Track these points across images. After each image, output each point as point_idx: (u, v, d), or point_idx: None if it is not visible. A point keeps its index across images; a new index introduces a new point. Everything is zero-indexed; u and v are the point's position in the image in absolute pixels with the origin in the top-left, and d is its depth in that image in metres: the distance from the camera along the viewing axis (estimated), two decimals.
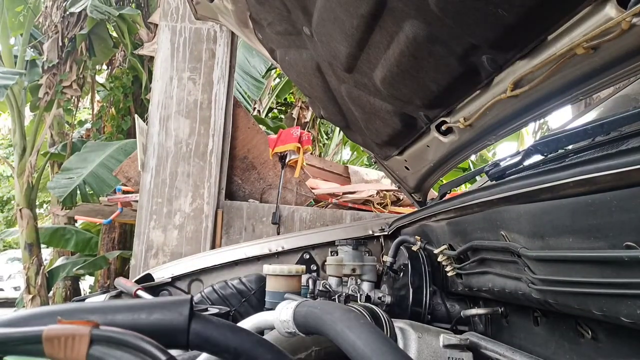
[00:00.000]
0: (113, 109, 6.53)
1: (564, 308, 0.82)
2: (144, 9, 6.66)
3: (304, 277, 1.62)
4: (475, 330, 1.32)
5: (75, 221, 6.66)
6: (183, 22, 3.50)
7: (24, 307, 6.44)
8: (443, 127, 1.40)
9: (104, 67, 7.98)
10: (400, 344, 1.03)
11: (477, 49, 1.01)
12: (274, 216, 3.43)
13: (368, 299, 1.58)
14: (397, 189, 3.09)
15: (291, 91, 8.07)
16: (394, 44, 1.12)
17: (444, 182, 1.91)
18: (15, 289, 11.48)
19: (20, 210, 6.62)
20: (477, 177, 2.44)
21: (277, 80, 8.54)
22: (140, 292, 1.72)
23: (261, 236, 3.39)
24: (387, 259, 1.65)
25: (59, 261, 6.44)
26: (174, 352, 0.52)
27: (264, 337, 0.73)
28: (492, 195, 0.92)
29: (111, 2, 6.26)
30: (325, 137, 9.21)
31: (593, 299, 0.71)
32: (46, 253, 8.29)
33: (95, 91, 7.65)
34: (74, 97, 6.77)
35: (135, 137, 4.14)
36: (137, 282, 1.88)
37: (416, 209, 1.85)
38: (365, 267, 1.68)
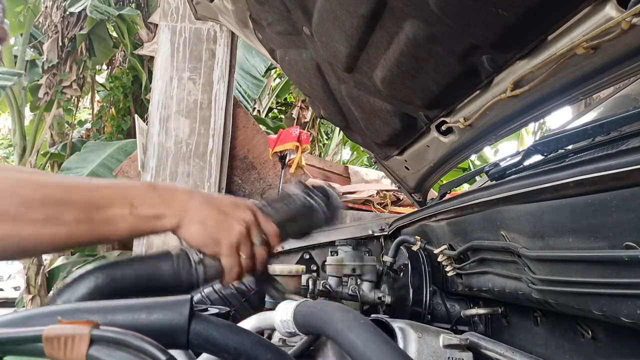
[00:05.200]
0: (113, 109, 6.54)
1: (564, 308, 0.82)
2: (144, 9, 6.66)
3: (304, 277, 1.62)
4: (475, 330, 1.32)
5: None
6: (183, 22, 3.50)
7: (24, 307, 6.43)
8: (443, 127, 1.40)
9: (104, 67, 7.99)
10: (400, 344, 1.02)
11: (477, 49, 1.01)
12: None
13: (368, 299, 1.58)
14: (397, 189, 3.09)
15: (291, 91, 8.07)
16: (394, 44, 1.12)
17: (444, 182, 1.91)
18: (15, 289, 11.47)
19: None
20: (477, 177, 2.44)
21: (277, 80, 8.54)
22: None
23: None
24: (387, 259, 1.65)
25: (59, 261, 6.43)
26: (174, 352, 0.52)
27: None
28: (492, 195, 0.92)
29: (111, 2, 6.26)
30: (325, 137, 9.21)
31: (593, 299, 0.71)
32: None
33: (95, 91, 7.66)
34: (74, 97, 6.78)
35: (135, 137, 4.14)
36: None
37: (416, 209, 1.85)
38: (365, 267, 1.68)
